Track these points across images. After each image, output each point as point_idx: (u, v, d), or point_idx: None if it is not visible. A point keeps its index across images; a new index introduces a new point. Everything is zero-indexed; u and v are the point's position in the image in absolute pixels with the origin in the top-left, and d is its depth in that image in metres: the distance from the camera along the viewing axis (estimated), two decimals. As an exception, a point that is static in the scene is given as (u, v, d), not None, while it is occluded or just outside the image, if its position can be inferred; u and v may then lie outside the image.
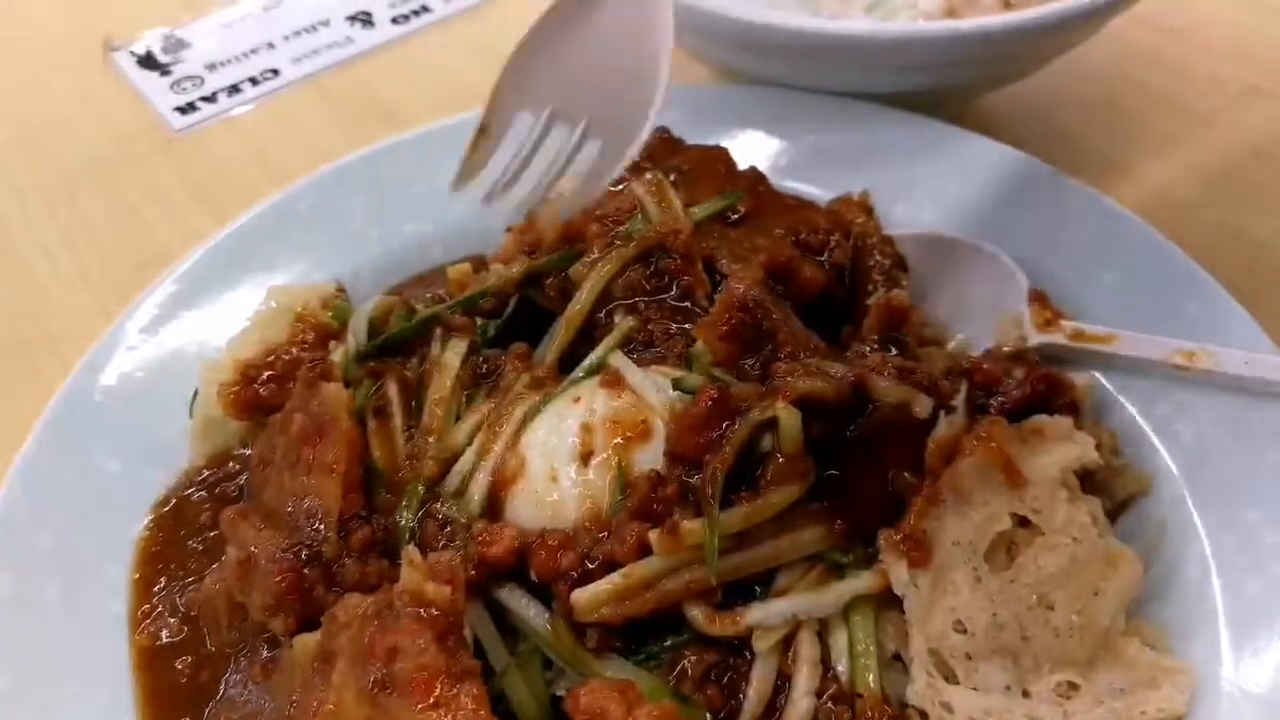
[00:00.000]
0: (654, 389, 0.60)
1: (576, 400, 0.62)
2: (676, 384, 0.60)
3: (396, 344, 0.69)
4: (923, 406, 0.61)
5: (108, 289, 0.89)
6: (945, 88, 0.85)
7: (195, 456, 0.68)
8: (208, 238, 0.82)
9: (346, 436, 0.59)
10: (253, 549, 0.56)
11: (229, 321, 0.73)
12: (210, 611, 0.58)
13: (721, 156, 0.80)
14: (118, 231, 0.94)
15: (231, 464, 0.68)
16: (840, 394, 0.59)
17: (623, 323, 0.66)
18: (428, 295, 0.72)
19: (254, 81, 1.06)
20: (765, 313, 0.64)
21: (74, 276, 0.91)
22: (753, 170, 0.79)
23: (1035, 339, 0.69)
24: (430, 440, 0.63)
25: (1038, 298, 0.71)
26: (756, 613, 0.55)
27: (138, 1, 1.19)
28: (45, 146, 1.02)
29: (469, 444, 0.63)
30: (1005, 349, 0.68)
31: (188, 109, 1.04)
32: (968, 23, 0.78)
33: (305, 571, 0.55)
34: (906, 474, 0.60)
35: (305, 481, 0.58)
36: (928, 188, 0.81)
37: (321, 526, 0.56)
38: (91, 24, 1.15)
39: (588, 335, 0.67)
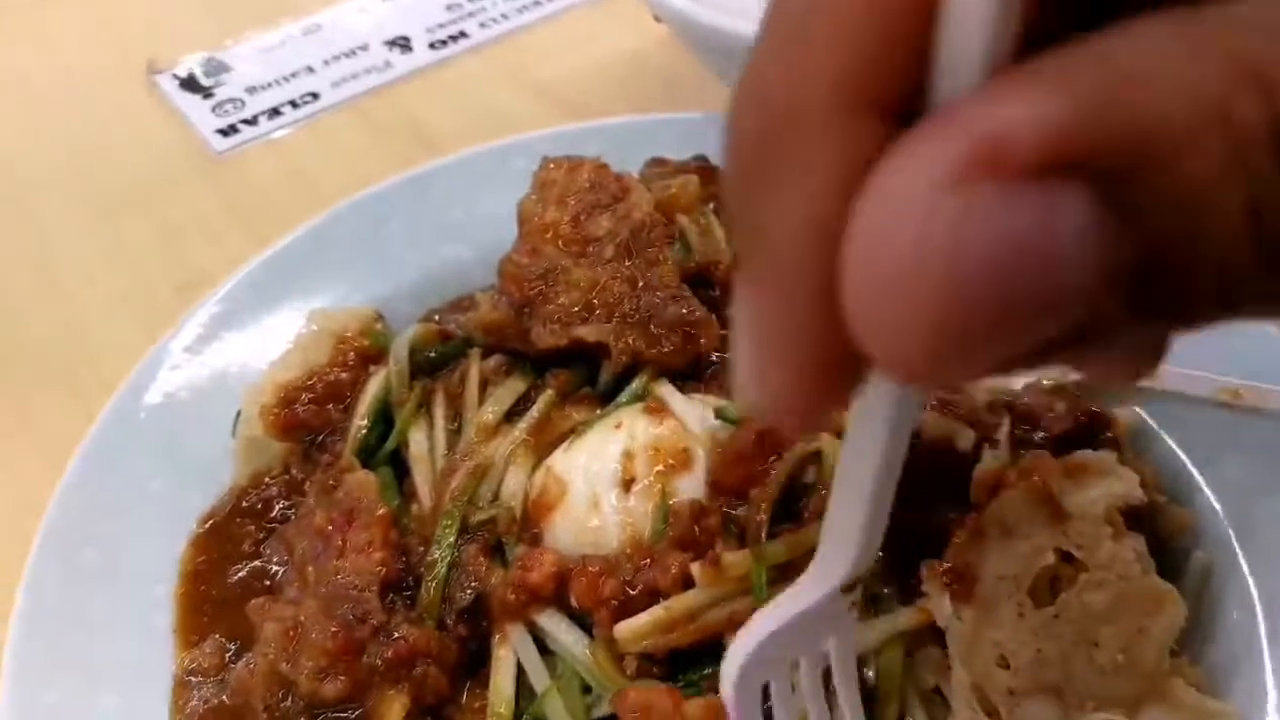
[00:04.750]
0: (696, 417, 0.61)
1: (618, 426, 0.62)
2: (719, 413, 0.61)
3: (438, 365, 0.70)
4: (965, 440, 0.61)
5: (149, 311, 0.90)
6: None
7: (238, 475, 0.68)
8: (248, 259, 0.83)
9: (381, 519, 0.59)
10: (300, 618, 0.56)
11: (270, 343, 0.73)
12: (244, 698, 0.58)
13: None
14: (160, 253, 0.95)
15: (270, 484, 0.68)
16: (882, 426, 0.59)
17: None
18: (464, 319, 0.73)
19: (294, 104, 1.08)
20: (806, 343, 0.64)
21: (116, 299, 0.92)
22: (792, 199, 0.80)
23: (1075, 373, 0.68)
24: (465, 457, 0.64)
25: (1078, 331, 0.70)
26: (798, 645, 0.54)
27: (179, 25, 1.21)
28: (89, 169, 1.04)
29: (505, 457, 0.63)
30: (1045, 383, 0.68)
31: (229, 131, 1.05)
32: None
33: (356, 634, 0.55)
34: (948, 507, 0.60)
35: (339, 564, 0.58)
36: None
37: (367, 595, 0.56)
38: (134, 48, 1.16)
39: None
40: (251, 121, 1.06)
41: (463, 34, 1.15)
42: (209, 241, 0.95)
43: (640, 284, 0.68)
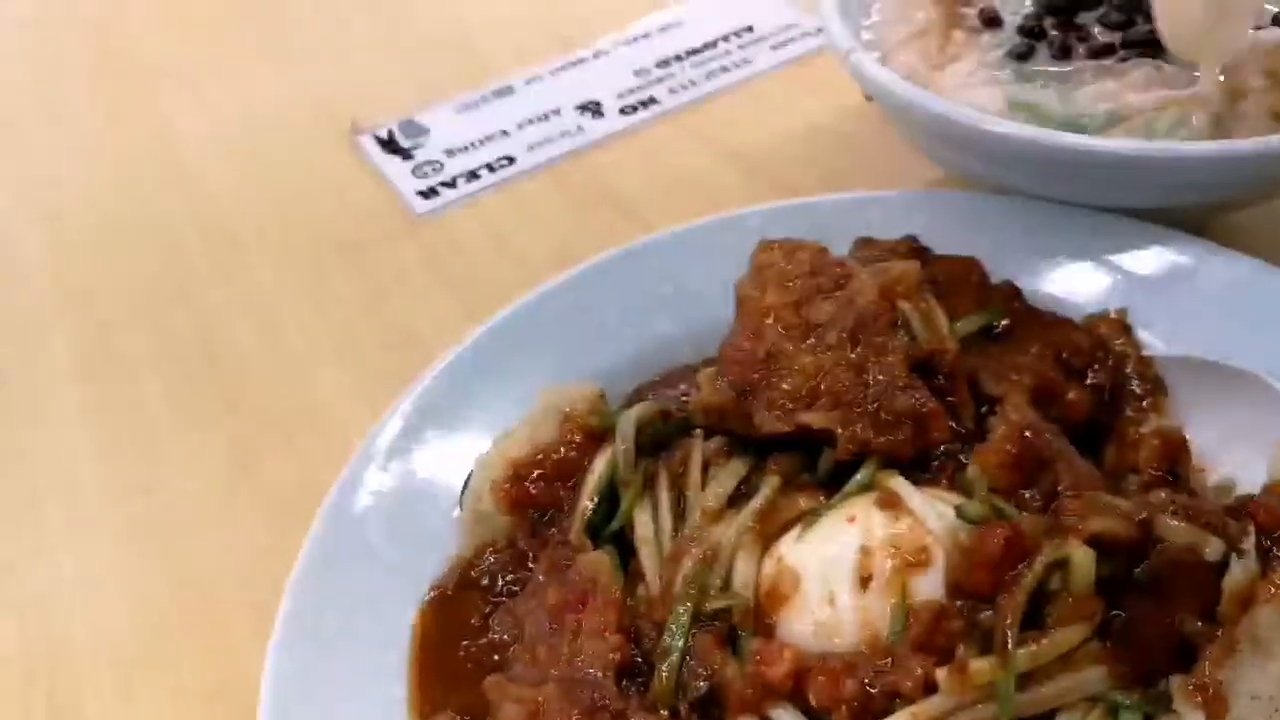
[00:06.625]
0: (935, 515, 0.60)
1: (851, 519, 0.62)
2: (959, 511, 0.60)
3: (659, 445, 0.71)
4: (1213, 549, 0.59)
5: (358, 364, 0.94)
6: (1210, 204, 0.83)
7: (464, 547, 0.71)
8: (452, 319, 0.86)
9: (614, 603, 0.61)
10: (539, 699, 0.58)
11: (492, 417, 0.76)
12: None
13: (974, 268, 0.79)
14: (366, 308, 1.00)
15: (494, 558, 0.70)
16: (1131, 534, 0.58)
17: (890, 440, 0.66)
18: (685, 399, 0.74)
19: (491, 168, 1.12)
20: (1045, 443, 0.63)
21: (327, 350, 0.97)
22: (1007, 284, 0.79)
23: (1318, 477, 0.66)
24: (692, 542, 0.64)
25: (1319, 431, 0.68)
26: (1045, 756, 0.54)
27: (378, 87, 1.27)
28: (300, 225, 1.09)
29: (733, 544, 0.64)
30: (1285, 484, 0.65)
31: (429, 193, 1.10)
32: (1247, 143, 0.76)
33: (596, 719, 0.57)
34: (1194, 619, 0.58)
35: (573, 645, 0.60)
36: (1186, 307, 0.78)
37: (605, 681, 0.58)
38: (338, 108, 1.22)
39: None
40: (450, 184, 1.10)
41: (653, 99, 1.17)
42: (415, 299, 0.99)
43: (867, 372, 0.68)
